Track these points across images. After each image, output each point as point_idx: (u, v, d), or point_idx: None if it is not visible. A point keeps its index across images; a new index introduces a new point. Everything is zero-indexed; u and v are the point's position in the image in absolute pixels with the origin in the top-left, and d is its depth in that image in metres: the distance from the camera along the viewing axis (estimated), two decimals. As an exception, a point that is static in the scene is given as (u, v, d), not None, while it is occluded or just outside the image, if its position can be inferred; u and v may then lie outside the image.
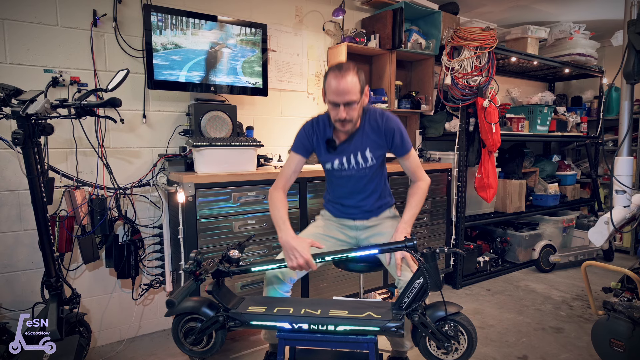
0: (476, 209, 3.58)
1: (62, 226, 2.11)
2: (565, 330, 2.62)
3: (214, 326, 1.54)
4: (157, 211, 2.55)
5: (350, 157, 1.83)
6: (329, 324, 1.46)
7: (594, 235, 2.07)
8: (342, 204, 1.94)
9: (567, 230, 4.11)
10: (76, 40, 2.26)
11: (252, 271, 1.62)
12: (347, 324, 1.46)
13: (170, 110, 2.57)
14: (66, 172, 2.25)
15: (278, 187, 1.84)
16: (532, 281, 3.52)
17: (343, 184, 1.90)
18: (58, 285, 1.85)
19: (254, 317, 1.52)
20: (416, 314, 1.49)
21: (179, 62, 2.31)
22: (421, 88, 3.44)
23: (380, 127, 1.82)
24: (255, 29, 2.53)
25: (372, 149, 1.83)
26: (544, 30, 3.81)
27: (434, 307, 1.53)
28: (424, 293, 1.46)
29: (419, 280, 1.46)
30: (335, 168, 1.86)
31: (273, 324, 1.51)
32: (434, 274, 1.45)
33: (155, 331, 2.63)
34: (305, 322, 1.47)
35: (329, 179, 1.96)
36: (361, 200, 1.91)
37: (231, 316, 1.52)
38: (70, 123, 2.25)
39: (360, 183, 1.88)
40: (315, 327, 1.47)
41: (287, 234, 1.64)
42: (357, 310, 1.52)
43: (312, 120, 1.89)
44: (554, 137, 4.06)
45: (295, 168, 1.87)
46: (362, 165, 1.84)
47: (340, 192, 1.93)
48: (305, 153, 1.88)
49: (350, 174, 1.86)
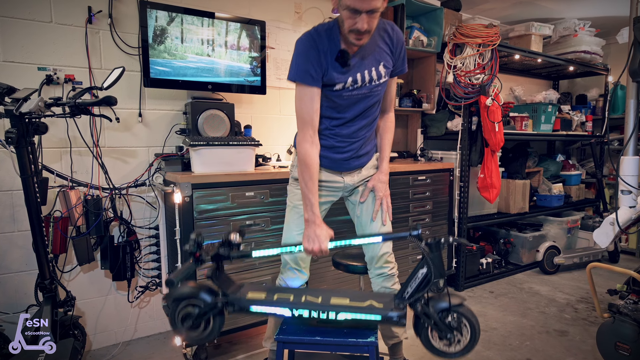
0: (479, 209, 3.58)
1: (56, 227, 2.11)
2: (570, 333, 2.62)
3: (212, 311, 1.52)
4: (153, 212, 2.55)
5: (365, 72, 1.63)
6: (330, 312, 1.45)
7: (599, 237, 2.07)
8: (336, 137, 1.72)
9: (571, 231, 4.11)
10: (71, 38, 2.26)
11: (253, 257, 1.59)
12: (349, 312, 1.45)
13: (166, 108, 2.57)
14: (60, 172, 2.25)
15: (305, 139, 1.61)
16: (536, 283, 3.53)
17: (349, 108, 1.69)
18: (52, 288, 1.85)
19: (253, 303, 1.51)
20: (419, 304, 1.48)
21: (175, 60, 2.31)
22: (423, 86, 3.44)
23: (392, 37, 1.68)
24: (254, 26, 2.53)
25: (385, 63, 1.67)
26: (548, 27, 3.81)
27: (437, 298, 1.51)
28: (427, 283, 1.46)
29: (423, 270, 1.46)
30: (347, 87, 1.62)
31: (272, 311, 1.50)
32: (438, 264, 1.45)
33: (151, 334, 2.63)
34: (305, 309, 1.47)
35: (327, 107, 1.68)
36: (361, 130, 1.74)
37: (230, 301, 1.51)
38: (64, 122, 2.25)
39: (367, 106, 1.70)
40: (316, 315, 1.46)
41: (315, 216, 1.61)
42: (359, 299, 1.52)
43: (310, 35, 1.59)
44: (558, 136, 4.06)
45: (314, 105, 1.59)
46: (376, 82, 1.66)
47: (339, 122, 1.71)
48: (318, 80, 1.58)
49: (362, 94, 1.66)
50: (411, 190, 2.92)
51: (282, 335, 1.54)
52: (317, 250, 1.58)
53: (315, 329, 1.59)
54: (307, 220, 1.63)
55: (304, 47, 1.58)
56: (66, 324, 1.92)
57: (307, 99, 1.59)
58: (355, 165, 1.81)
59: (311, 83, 1.57)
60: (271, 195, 2.34)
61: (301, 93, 1.60)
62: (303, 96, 1.60)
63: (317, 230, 1.59)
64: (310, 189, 1.61)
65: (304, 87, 1.58)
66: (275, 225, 2.36)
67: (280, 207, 2.36)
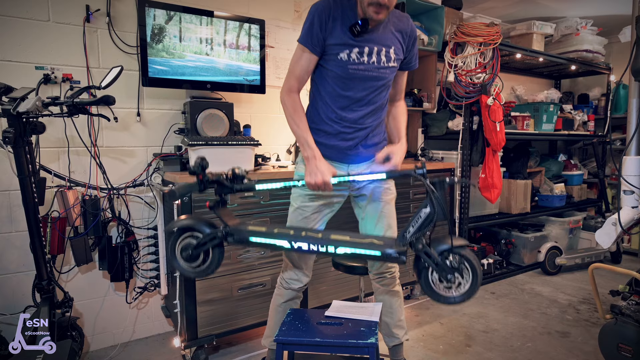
0: (480, 209, 3.59)
1: (54, 227, 2.11)
2: (572, 334, 2.62)
3: (212, 242, 1.51)
4: (151, 212, 2.55)
5: (374, 49, 1.62)
6: (329, 245, 1.44)
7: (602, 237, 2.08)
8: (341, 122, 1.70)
9: (573, 231, 4.11)
10: (68, 37, 2.26)
11: (256, 189, 1.58)
12: (348, 246, 1.44)
13: (165, 108, 2.57)
14: (58, 172, 2.25)
15: (292, 90, 1.66)
16: (537, 284, 3.53)
17: (354, 85, 1.66)
18: (50, 289, 1.85)
19: (253, 234, 1.50)
20: (420, 243, 1.45)
21: (174, 59, 2.31)
22: (423, 85, 3.44)
23: (407, 28, 1.69)
24: (253, 25, 2.53)
25: (396, 49, 1.66)
26: (549, 26, 3.81)
27: (439, 240, 1.47)
28: (429, 222, 1.43)
29: (426, 210, 1.43)
30: (352, 59, 1.61)
31: (272, 242, 1.49)
32: (442, 204, 1.43)
33: (150, 335, 2.63)
34: (304, 241, 1.46)
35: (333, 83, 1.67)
36: (367, 116, 1.71)
37: (230, 232, 1.51)
38: (62, 121, 2.25)
39: (374, 88, 1.67)
40: (315, 249, 1.45)
41: (314, 151, 1.62)
42: (359, 237, 1.50)
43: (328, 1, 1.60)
44: (560, 136, 4.06)
45: (309, 67, 1.65)
46: (384, 64, 1.64)
47: (343, 103, 1.68)
48: (318, 48, 1.61)
49: (368, 71, 1.64)
50: (412, 191, 2.92)
51: (281, 336, 1.55)
52: (320, 183, 1.56)
53: (315, 329, 1.59)
54: (307, 158, 1.62)
55: (317, 11, 1.59)
56: (64, 325, 1.92)
57: (303, 60, 1.64)
58: (364, 156, 1.77)
59: (312, 49, 1.62)
60: (270, 196, 2.33)
61: (301, 53, 1.64)
62: (300, 57, 1.65)
63: (319, 164, 1.59)
64: (303, 129, 1.65)
65: (305, 51, 1.63)
66: (273, 225, 2.35)
67: (278, 208, 2.36)
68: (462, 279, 1.43)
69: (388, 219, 1.83)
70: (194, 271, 1.56)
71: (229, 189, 1.54)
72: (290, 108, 1.66)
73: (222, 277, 2.24)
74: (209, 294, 2.21)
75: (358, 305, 1.81)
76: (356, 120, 1.70)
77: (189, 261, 1.54)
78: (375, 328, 1.60)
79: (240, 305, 2.31)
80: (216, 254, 1.54)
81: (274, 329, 1.85)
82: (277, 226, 1.57)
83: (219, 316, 2.25)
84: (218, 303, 2.24)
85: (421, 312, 2.91)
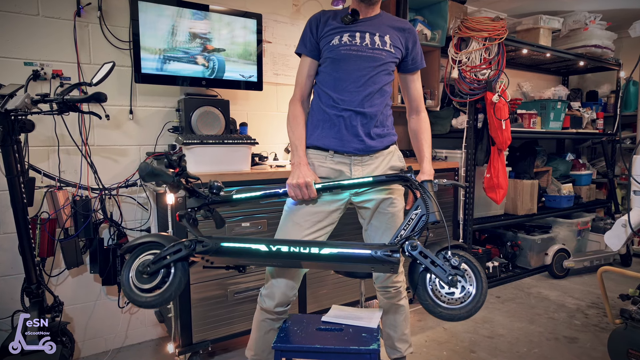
0: (485, 210, 3.59)
1: (43, 229, 2.11)
2: (580, 340, 2.62)
3: (175, 255, 1.35)
4: (144, 213, 2.55)
5: (366, 34, 1.70)
6: (312, 247, 1.37)
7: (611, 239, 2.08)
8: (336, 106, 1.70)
9: (582, 233, 4.12)
10: (59, 31, 2.26)
11: (234, 199, 1.49)
12: (334, 247, 1.37)
13: (158, 105, 2.57)
14: (48, 172, 2.24)
15: (296, 98, 1.81)
16: (544, 288, 3.53)
17: (347, 68, 1.69)
18: (39, 292, 1.85)
19: (225, 240, 1.40)
20: (414, 243, 1.38)
21: (168, 55, 2.30)
22: (426, 82, 3.44)
23: (404, 27, 1.78)
24: (250, 20, 2.53)
25: (392, 39, 1.74)
26: (557, 21, 3.81)
27: (435, 243, 1.42)
28: (423, 224, 1.40)
29: (417, 211, 1.42)
30: (343, 42, 1.68)
31: (247, 246, 1.39)
32: (433, 204, 1.42)
33: (143, 341, 2.63)
34: (284, 244, 1.38)
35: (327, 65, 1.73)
36: (367, 98, 1.69)
37: (199, 240, 1.39)
38: (52, 119, 2.24)
39: (371, 68, 1.69)
40: (296, 250, 1.37)
41: (301, 158, 1.68)
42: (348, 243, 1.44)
43: (321, 10, 1.80)
44: (568, 135, 4.07)
45: (309, 72, 1.79)
46: (378, 46, 1.70)
47: (340, 85, 1.69)
48: (312, 51, 1.75)
49: (360, 52, 1.69)
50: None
51: (279, 342, 1.54)
52: (301, 183, 1.58)
53: (315, 336, 1.59)
54: (293, 164, 1.68)
55: (309, 22, 1.77)
56: (54, 331, 1.92)
57: (302, 67, 1.79)
58: (368, 145, 1.71)
59: (307, 53, 1.77)
60: (268, 196, 2.33)
61: (300, 61, 1.81)
62: (301, 64, 1.80)
63: (302, 169, 1.63)
64: (297, 136, 1.75)
65: (302, 57, 1.79)
66: (272, 226, 2.35)
67: (277, 208, 2.36)
68: (465, 282, 1.36)
69: (393, 231, 1.72)
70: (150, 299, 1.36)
71: (203, 198, 1.47)
72: (290, 115, 1.80)
73: (217, 281, 2.24)
74: (204, 299, 2.21)
75: (358, 310, 1.81)
76: (353, 102, 1.68)
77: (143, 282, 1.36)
78: (377, 334, 1.60)
79: (236, 310, 2.31)
80: (179, 270, 1.37)
81: (255, 342, 1.79)
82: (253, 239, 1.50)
83: (214, 321, 2.25)
84: (213, 308, 2.24)
85: (424, 316, 2.91)
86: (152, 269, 1.35)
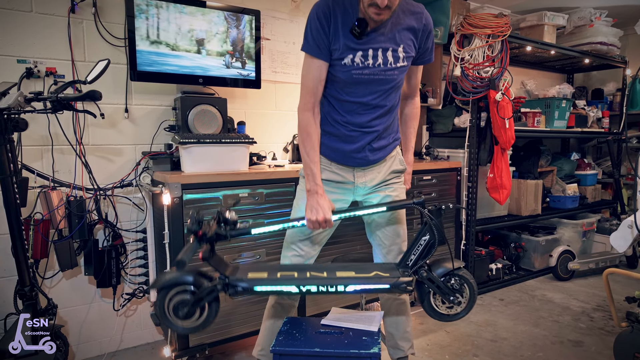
0: (488, 211, 3.59)
1: (37, 230, 2.11)
2: (586, 343, 2.63)
3: (209, 296, 1.47)
4: (140, 214, 2.55)
5: (379, 51, 1.60)
6: (339, 285, 1.50)
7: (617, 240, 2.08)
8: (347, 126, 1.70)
9: (587, 234, 4.12)
10: (52, 28, 2.26)
11: (252, 234, 1.57)
12: (357, 283, 1.51)
13: (154, 104, 2.57)
14: (41, 172, 2.24)
15: (307, 108, 1.65)
16: (549, 290, 3.53)
17: (360, 90, 1.66)
18: (32, 295, 1.85)
19: (257, 283, 1.50)
20: (423, 270, 1.58)
21: (164, 53, 2.31)
22: (428, 80, 3.44)
23: (420, 20, 1.65)
24: (248, 16, 2.53)
25: (406, 47, 1.64)
26: (561, 17, 3.82)
27: (437, 264, 1.63)
28: (430, 249, 1.57)
29: (426, 237, 1.57)
30: (356, 64, 1.60)
31: (280, 288, 1.51)
32: (440, 231, 1.57)
33: (138, 345, 2.63)
34: (313, 284, 1.50)
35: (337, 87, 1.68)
36: (374, 119, 1.71)
37: (231, 283, 1.49)
38: (46, 118, 2.24)
39: (382, 91, 1.67)
40: (325, 289, 1.50)
41: (318, 186, 1.64)
42: (363, 270, 1.60)
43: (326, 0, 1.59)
44: (572, 133, 4.07)
45: (321, 76, 1.63)
46: (391, 65, 1.63)
47: (349, 107, 1.69)
48: (324, 53, 1.60)
49: (373, 75, 1.63)
50: (415, 191, 2.93)
51: (278, 346, 1.55)
52: (321, 220, 1.59)
53: (314, 339, 1.60)
54: (309, 191, 1.65)
55: (317, 15, 1.59)
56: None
57: (313, 69, 1.63)
58: (370, 160, 1.76)
59: (319, 55, 1.61)
60: (266, 197, 2.34)
61: (309, 62, 1.64)
62: (310, 66, 1.64)
63: (320, 200, 1.61)
64: (312, 158, 1.66)
65: (314, 58, 1.62)
66: (270, 255, 2.36)
67: (276, 208, 2.36)
68: (462, 297, 1.62)
69: (396, 226, 1.85)
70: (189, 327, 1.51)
71: (223, 237, 1.53)
72: (303, 130, 1.67)
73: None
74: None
75: (358, 313, 1.81)
76: (363, 124, 1.71)
77: (183, 319, 1.49)
78: (377, 337, 1.60)
79: (234, 313, 2.31)
80: (213, 307, 1.51)
81: (263, 334, 1.88)
82: (276, 269, 1.61)
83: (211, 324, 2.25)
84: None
85: (426, 320, 2.91)
86: (191, 310, 1.47)
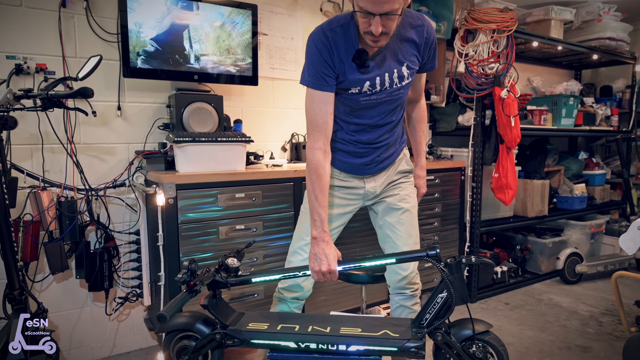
0: (493, 212, 3.59)
1: (26, 232, 2.11)
2: (594, 349, 2.63)
3: (210, 345, 1.53)
4: (133, 215, 2.55)
5: (385, 75, 1.62)
6: (340, 344, 1.45)
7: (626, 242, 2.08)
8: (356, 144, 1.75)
9: (595, 236, 4.12)
10: (43, 23, 2.26)
11: (252, 282, 1.61)
12: (361, 343, 1.45)
13: (148, 101, 2.57)
14: (31, 171, 2.24)
15: (317, 146, 1.61)
16: (556, 294, 3.54)
17: (367, 113, 1.70)
18: (22, 299, 1.85)
19: (255, 335, 1.51)
20: (439, 333, 1.46)
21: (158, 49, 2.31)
22: (431, 76, 3.44)
23: (421, 34, 1.65)
24: (244, 10, 2.53)
25: (409, 63, 1.66)
26: (569, 12, 3.82)
27: (460, 325, 1.50)
28: (448, 309, 1.45)
29: (442, 295, 1.44)
30: (364, 91, 1.63)
31: (277, 343, 1.50)
32: (460, 287, 1.43)
33: (131, 350, 2.63)
34: (312, 341, 1.46)
35: (345, 112, 1.71)
36: (383, 135, 1.76)
37: (230, 334, 1.51)
38: (36, 116, 2.24)
39: (388, 110, 1.71)
40: (325, 347, 1.46)
41: (325, 234, 1.58)
42: (371, 328, 1.52)
43: (322, 32, 1.57)
44: (580, 132, 4.07)
45: (328, 109, 1.60)
46: (397, 85, 1.66)
47: (356, 127, 1.73)
48: (331, 84, 1.59)
49: (381, 99, 1.67)
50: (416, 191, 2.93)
51: (275, 352, 1.55)
52: (325, 271, 1.53)
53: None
54: (314, 238, 1.58)
55: (316, 47, 1.57)
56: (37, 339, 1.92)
57: (319, 102, 1.60)
58: (378, 169, 1.83)
59: (325, 88, 1.59)
60: (264, 197, 2.34)
61: (313, 96, 1.61)
62: (315, 99, 1.60)
63: (327, 249, 1.56)
64: (321, 202, 1.59)
65: (316, 92, 1.60)
66: (267, 229, 2.36)
67: (273, 212, 2.36)
68: None
69: (408, 228, 1.84)
70: None
71: (223, 285, 1.56)
72: (313, 172, 1.61)
73: (210, 287, 2.24)
74: (197, 305, 2.21)
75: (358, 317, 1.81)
76: (372, 140, 1.76)
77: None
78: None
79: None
80: (216, 355, 1.54)
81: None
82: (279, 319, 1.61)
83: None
84: (206, 315, 2.25)
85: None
86: (192, 357, 1.54)
